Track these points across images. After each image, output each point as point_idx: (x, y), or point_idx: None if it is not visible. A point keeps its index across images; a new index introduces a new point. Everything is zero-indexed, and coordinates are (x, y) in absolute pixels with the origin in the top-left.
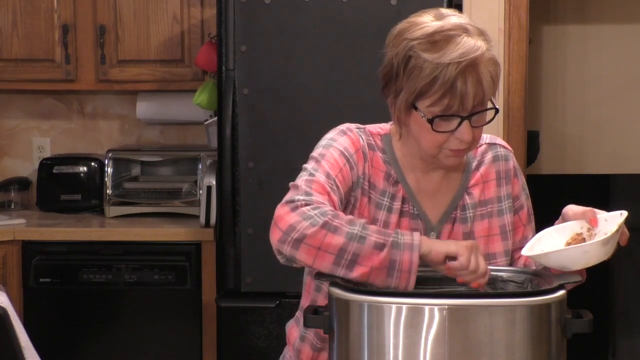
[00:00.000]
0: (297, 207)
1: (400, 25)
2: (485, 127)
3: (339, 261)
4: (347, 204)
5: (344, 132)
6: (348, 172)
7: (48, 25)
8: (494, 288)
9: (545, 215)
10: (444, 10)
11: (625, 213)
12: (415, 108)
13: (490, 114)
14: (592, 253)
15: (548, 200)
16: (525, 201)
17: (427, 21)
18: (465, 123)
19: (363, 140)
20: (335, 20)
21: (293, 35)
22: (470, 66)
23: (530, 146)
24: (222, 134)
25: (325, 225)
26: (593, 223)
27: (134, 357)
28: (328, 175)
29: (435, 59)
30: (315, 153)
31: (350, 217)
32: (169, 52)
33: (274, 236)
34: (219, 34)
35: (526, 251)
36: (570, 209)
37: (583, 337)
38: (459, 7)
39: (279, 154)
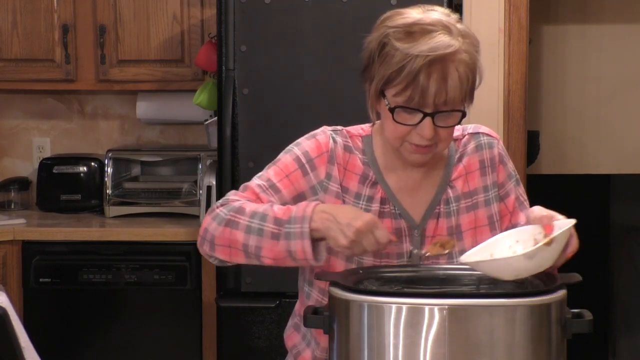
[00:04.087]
0: (212, 211)
1: (387, 13)
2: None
3: (248, 254)
4: None
5: (312, 136)
6: (299, 176)
7: (48, 25)
8: (494, 288)
9: None
10: (437, 8)
11: (572, 221)
12: (384, 95)
13: (457, 116)
14: (517, 265)
15: (548, 200)
16: (514, 188)
17: (412, 13)
18: (427, 120)
19: (336, 143)
20: (335, 20)
21: (293, 35)
22: (438, 62)
23: (530, 146)
24: (222, 134)
25: (228, 223)
26: (547, 230)
27: (134, 357)
28: (268, 180)
29: (405, 48)
30: (276, 157)
31: (255, 206)
32: (169, 52)
33: (198, 243)
34: (219, 34)
35: (465, 257)
36: (532, 211)
37: (583, 337)
38: (459, 7)
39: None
